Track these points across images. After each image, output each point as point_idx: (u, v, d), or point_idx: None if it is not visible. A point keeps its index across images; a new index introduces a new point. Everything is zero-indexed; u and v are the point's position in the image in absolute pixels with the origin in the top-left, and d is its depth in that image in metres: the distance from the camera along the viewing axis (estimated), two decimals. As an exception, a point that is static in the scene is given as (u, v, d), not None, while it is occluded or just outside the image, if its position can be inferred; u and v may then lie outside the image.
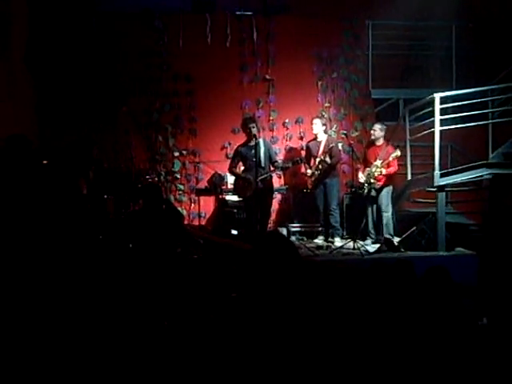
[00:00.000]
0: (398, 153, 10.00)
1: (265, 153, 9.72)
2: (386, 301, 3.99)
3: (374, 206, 10.26)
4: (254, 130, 9.82)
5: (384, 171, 9.95)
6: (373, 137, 10.26)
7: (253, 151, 9.63)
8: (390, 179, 10.20)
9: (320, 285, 4.26)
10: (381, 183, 10.08)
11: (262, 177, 9.57)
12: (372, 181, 10.00)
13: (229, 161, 10.44)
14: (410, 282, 5.03)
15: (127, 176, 10.10)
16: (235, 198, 10.34)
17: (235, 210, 10.43)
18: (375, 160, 10.08)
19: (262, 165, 9.62)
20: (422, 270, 5.96)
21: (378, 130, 10.26)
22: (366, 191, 10.13)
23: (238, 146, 10.10)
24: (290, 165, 10.07)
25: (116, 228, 7.35)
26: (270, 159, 9.91)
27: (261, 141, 9.78)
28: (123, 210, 9.13)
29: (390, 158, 9.92)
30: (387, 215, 10.11)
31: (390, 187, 10.23)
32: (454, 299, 4.22)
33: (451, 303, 4.11)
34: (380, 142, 10.28)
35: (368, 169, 10.11)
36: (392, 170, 10.09)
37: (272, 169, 9.96)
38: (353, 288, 4.46)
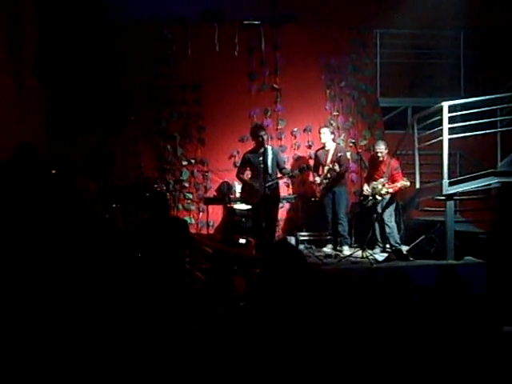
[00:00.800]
0: (408, 183, 9.99)
1: (272, 160, 9.69)
2: (395, 310, 3.99)
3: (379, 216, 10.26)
4: (265, 137, 9.84)
5: (391, 190, 9.95)
6: (381, 158, 10.22)
7: (261, 158, 9.63)
8: (394, 194, 10.21)
9: (330, 295, 4.26)
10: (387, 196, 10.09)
11: (269, 183, 9.56)
12: (378, 197, 10.01)
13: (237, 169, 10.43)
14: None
15: (135, 185, 10.13)
16: (243, 206, 10.32)
17: (243, 219, 10.42)
18: (379, 175, 10.10)
19: (269, 172, 9.60)
20: (431, 278, 5.95)
21: (384, 150, 10.24)
22: (369, 203, 10.13)
23: (246, 153, 10.08)
24: (297, 172, 10.07)
25: (124, 237, 7.35)
26: (278, 166, 9.90)
27: (269, 148, 9.76)
28: (132, 218, 9.14)
29: (399, 185, 9.93)
30: (391, 225, 10.10)
31: (394, 201, 10.22)
32: (468, 308, 4.21)
33: (467, 312, 4.10)
34: (385, 157, 10.27)
35: (374, 183, 10.09)
36: (396, 188, 10.07)
37: (279, 175, 9.96)
38: (364, 298, 4.45)
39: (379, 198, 10.00)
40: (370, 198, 10.07)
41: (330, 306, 3.49)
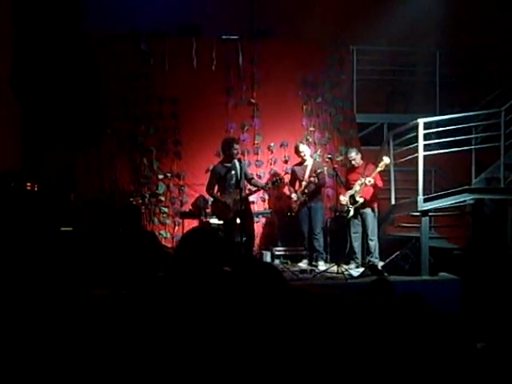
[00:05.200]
0: (387, 160, 10.01)
1: (241, 173, 9.73)
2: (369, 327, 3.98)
3: (359, 231, 10.26)
4: (238, 151, 9.93)
5: (370, 180, 9.90)
6: (356, 164, 10.30)
7: (233, 172, 9.69)
8: (375, 199, 10.21)
9: (306, 312, 4.24)
10: (367, 198, 10.05)
11: (244, 195, 9.61)
12: (358, 199, 9.99)
13: (213, 184, 10.40)
14: (388, 301, 5.02)
15: (111, 198, 10.09)
16: (219, 221, 10.31)
17: (219, 233, 10.38)
18: (356, 180, 10.11)
19: (241, 185, 9.62)
20: (405, 294, 5.95)
21: (356, 156, 10.31)
22: (351, 213, 10.11)
23: (215, 167, 10.09)
24: (270, 185, 10.09)
25: (97, 251, 7.30)
26: (247, 177, 9.98)
27: (236, 161, 9.80)
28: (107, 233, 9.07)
29: (378, 169, 9.93)
30: (374, 242, 10.11)
31: (375, 212, 10.23)
32: (427, 325, 4.21)
33: (425, 329, 4.10)
34: (360, 163, 10.32)
35: (350, 191, 10.12)
36: (379, 183, 10.09)
37: (254, 189, 10.03)
38: (338, 315, 4.44)
39: (358, 199, 9.98)
40: (350, 205, 10.07)
41: (308, 324, 3.47)
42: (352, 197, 10.06)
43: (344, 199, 10.17)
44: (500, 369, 3.94)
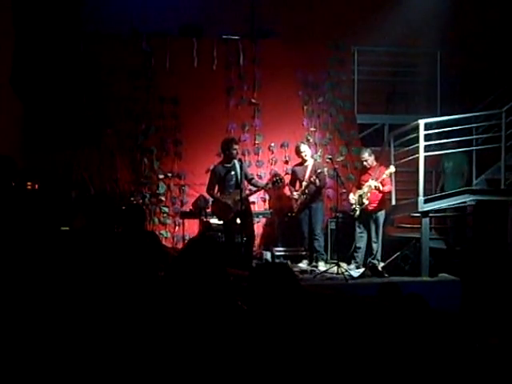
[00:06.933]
0: (393, 169, 9.99)
1: (241, 173, 9.72)
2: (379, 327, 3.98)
3: (364, 231, 10.23)
4: (237, 152, 9.93)
5: (379, 186, 9.89)
6: (368, 165, 10.23)
7: (232, 172, 9.68)
8: (382, 203, 10.18)
9: (322, 315, 4.24)
10: (374, 205, 10.05)
11: (244, 195, 9.61)
12: (364, 201, 9.98)
13: (214, 184, 10.39)
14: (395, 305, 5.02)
15: (111, 198, 10.09)
16: (219, 221, 10.30)
17: (219, 234, 10.38)
18: (367, 181, 10.08)
19: (241, 186, 9.61)
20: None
21: (368, 158, 10.21)
22: (357, 213, 10.11)
23: (215, 167, 10.08)
24: (270, 185, 10.06)
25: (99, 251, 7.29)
26: (247, 177, 9.96)
27: (236, 162, 9.79)
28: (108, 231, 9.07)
29: (384, 175, 9.90)
30: (377, 245, 10.08)
31: (382, 213, 10.19)
32: (430, 325, 4.22)
33: (427, 329, 4.10)
34: (372, 164, 10.26)
35: (359, 190, 10.10)
36: (386, 188, 10.07)
37: (255, 189, 10.02)
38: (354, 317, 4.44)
39: (366, 201, 9.96)
40: (358, 206, 10.06)
41: (318, 323, 3.46)
42: (360, 197, 10.06)
43: (353, 198, 10.18)
44: (500, 368, 3.94)
